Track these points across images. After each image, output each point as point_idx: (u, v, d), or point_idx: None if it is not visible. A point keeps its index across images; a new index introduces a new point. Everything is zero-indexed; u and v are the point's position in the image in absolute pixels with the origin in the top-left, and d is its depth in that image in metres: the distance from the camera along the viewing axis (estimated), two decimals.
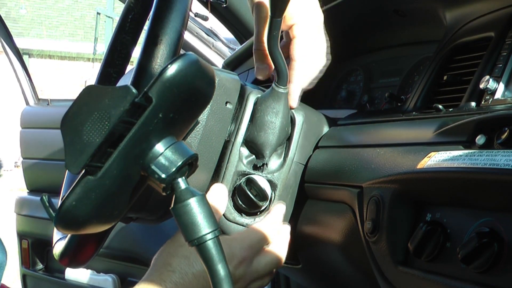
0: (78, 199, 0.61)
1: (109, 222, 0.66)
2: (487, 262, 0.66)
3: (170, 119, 0.63)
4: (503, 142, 0.69)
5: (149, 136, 0.62)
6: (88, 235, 0.80)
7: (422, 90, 0.99)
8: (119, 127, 0.60)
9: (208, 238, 0.62)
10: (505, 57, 0.86)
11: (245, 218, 0.95)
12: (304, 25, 0.96)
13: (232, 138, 0.94)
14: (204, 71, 0.64)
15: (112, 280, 2.16)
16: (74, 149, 0.60)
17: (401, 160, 0.80)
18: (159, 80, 0.61)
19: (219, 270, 0.62)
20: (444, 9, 1.04)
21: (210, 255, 0.62)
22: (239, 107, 0.95)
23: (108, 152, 0.61)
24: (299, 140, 0.97)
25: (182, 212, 0.63)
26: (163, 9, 0.67)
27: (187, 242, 0.63)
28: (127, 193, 0.64)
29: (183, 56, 0.62)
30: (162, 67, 0.64)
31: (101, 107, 0.60)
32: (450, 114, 0.87)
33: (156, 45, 0.66)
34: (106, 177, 0.61)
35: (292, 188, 0.97)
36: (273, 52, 0.89)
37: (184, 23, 0.68)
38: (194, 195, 0.63)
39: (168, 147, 0.63)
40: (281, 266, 0.92)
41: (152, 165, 0.63)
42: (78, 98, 0.61)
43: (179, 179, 0.63)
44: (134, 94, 0.60)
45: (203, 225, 0.62)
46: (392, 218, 0.80)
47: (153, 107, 0.61)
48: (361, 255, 0.87)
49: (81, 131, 0.60)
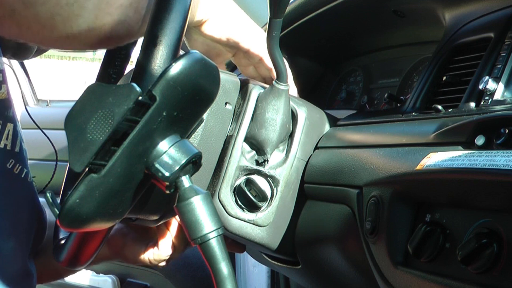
0: (82, 197, 0.61)
1: (113, 220, 0.66)
2: (486, 263, 0.66)
3: (174, 117, 0.63)
4: (503, 142, 0.69)
5: (153, 134, 0.62)
6: (88, 236, 0.80)
7: (422, 91, 0.99)
8: (123, 125, 0.60)
9: (211, 236, 0.62)
10: (504, 57, 0.86)
11: (247, 213, 0.95)
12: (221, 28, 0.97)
13: (234, 133, 0.94)
14: (209, 69, 0.64)
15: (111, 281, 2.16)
16: (78, 147, 0.60)
17: (401, 160, 0.80)
18: (163, 79, 0.61)
19: (222, 268, 0.62)
20: (444, 10, 1.04)
21: (213, 253, 0.62)
22: (241, 103, 0.95)
23: (112, 150, 0.61)
24: (301, 136, 0.97)
25: (185, 210, 0.63)
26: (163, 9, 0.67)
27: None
28: (131, 191, 0.64)
29: (187, 55, 0.63)
30: (162, 67, 0.64)
31: (105, 105, 0.60)
32: (450, 114, 0.87)
33: (155, 45, 0.66)
34: (109, 175, 0.61)
35: (294, 184, 0.97)
36: (273, 52, 0.89)
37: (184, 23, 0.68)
38: (198, 194, 0.63)
39: (172, 146, 0.63)
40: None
41: (156, 163, 0.63)
42: (82, 97, 0.61)
43: (183, 177, 0.64)
44: (138, 92, 0.61)
45: (207, 224, 0.63)
46: (391, 218, 0.80)
47: (157, 105, 0.61)
48: (361, 256, 0.87)
49: (85, 129, 0.60)
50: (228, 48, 1.00)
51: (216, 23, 0.95)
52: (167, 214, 0.85)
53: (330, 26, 1.29)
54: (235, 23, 0.97)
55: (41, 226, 0.98)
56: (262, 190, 0.93)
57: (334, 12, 1.22)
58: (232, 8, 0.97)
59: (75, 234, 0.80)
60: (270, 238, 0.97)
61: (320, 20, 1.25)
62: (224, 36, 0.97)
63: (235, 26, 0.97)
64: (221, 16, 0.95)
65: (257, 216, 0.95)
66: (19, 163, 0.91)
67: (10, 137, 0.90)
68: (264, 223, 0.95)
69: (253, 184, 0.93)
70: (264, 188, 0.94)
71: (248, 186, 0.93)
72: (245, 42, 0.98)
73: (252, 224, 0.95)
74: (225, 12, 0.96)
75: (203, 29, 0.95)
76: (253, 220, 0.95)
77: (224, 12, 0.96)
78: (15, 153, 0.91)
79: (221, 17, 0.95)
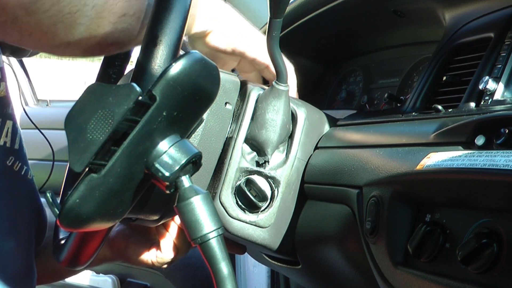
0: (82, 197, 0.61)
1: (113, 220, 0.66)
2: (486, 263, 0.66)
3: (174, 117, 0.63)
4: (503, 142, 0.69)
5: (153, 134, 0.62)
6: (88, 236, 0.80)
7: (422, 91, 0.99)
8: (123, 125, 0.60)
9: (212, 236, 0.62)
10: (504, 57, 0.86)
11: (248, 214, 0.95)
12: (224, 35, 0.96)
13: (234, 134, 0.94)
14: (209, 69, 0.64)
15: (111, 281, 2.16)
16: (78, 147, 0.60)
17: (401, 160, 0.80)
18: (163, 79, 0.61)
19: (222, 268, 0.62)
20: (444, 10, 1.04)
21: (213, 253, 0.62)
22: (241, 104, 0.95)
23: (112, 150, 0.61)
24: (301, 136, 0.97)
25: (185, 210, 0.63)
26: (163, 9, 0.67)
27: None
28: (131, 191, 0.64)
29: (187, 55, 0.63)
30: (162, 67, 0.64)
31: (105, 105, 0.60)
32: (450, 114, 0.87)
33: (155, 45, 0.66)
34: (109, 175, 0.61)
35: (295, 185, 0.97)
36: (273, 52, 0.89)
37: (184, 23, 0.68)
38: (198, 193, 0.63)
39: (172, 145, 0.63)
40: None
41: (156, 163, 0.63)
42: (82, 97, 0.61)
43: (183, 177, 0.64)
44: (138, 92, 0.61)
45: (207, 224, 0.63)
46: (391, 218, 0.80)
47: (157, 105, 0.61)
48: (361, 256, 0.87)
49: (85, 129, 0.60)
50: (234, 57, 1.00)
51: (221, 34, 0.94)
52: (167, 214, 0.85)
53: (330, 26, 1.29)
54: (239, 33, 0.97)
55: (41, 224, 0.98)
56: (262, 190, 0.93)
57: (334, 12, 1.22)
58: (235, 18, 0.97)
59: (75, 234, 0.80)
60: (272, 239, 0.97)
61: (320, 20, 1.25)
62: (229, 47, 0.96)
63: (240, 36, 0.97)
64: (225, 27, 0.94)
65: (258, 218, 0.94)
66: (19, 160, 0.91)
67: (10, 134, 0.90)
68: (265, 224, 0.95)
69: (253, 184, 0.93)
70: (264, 188, 0.93)
71: (248, 186, 0.93)
72: (251, 51, 0.98)
73: (254, 226, 0.95)
74: (229, 22, 0.95)
75: (208, 40, 0.94)
76: (254, 222, 0.95)
77: (228, 22, 0.95)
78: (14, 150, 0.91)
79: (225, 27, 0.95)
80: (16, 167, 0.91)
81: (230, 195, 0.94)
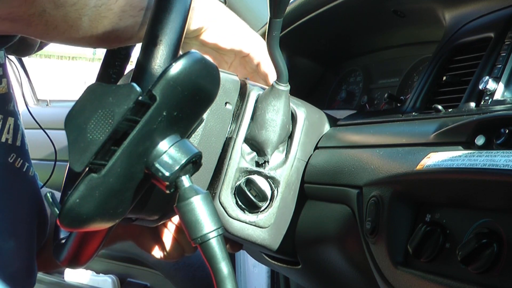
0: (82, 197, 0.61)
1: (113, 220, 0.66)
2: (486, 263, 0.66)
3: (174, 117, 0.63)
4: (503, 142, 0.69)
5: (153, 134, 0.62)
6: (88, 236, 0.80)
7: (422, 91, 0.99)
8: (123, 125, 0.60)
9: (212, 236, 0.62)
10: (504, 57, 0.86)
11: (248, 215, 0.95)
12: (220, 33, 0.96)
13: (234, 135, 0.94)
14: (209, 69, 0.64)
15: (111, 281, 2.16)
16: (78, 147, 0.60)
17: (401, 160, 0.80)
18: (163, 79, 0.61)
19: (222, 268, 0.62)
20: (444, 10, 1.04)
21: (213, 253, 0.62)
22: (240, 104, 0.95)
23: (112, 150, 0.61)
24: (301, 137, 0.97)
25: (185, 210, 0.63)
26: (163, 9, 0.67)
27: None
28: (131, 191, 0.64)
29: (187, 54, 0.63)
30: (162, 67, 0.64)
31: (105, 105, 0.60)
32: (450, 114, 0.87)
33: (155, 45, 0.66)
34: (110, 175, 0.61)
35: (294, 185, 0.97)
36: (273, 52, 0.89)
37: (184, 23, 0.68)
38: (198, 193, 0.63)
39: (172, 145, 0.63)
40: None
41: (156, 163, 0.63)
42: (82, 96, 0.61)
43: (183, 177, 0.64)
44: (138, 92, 0.61)
45: (207, 224, 0.63)
46: (391, 218, 0.80)
47: (157, 105, 0.61)
48: (361, 256, 0.87)
49: (85, 129, 0.60)
50: (227, 57, 1.00)
51: (215, 31, 0.94)
52: (167, 214, 0.86)
53: (330, 26, 1.29)
54: (233, 29, 0.97)
55: (42, 220, 0.98)
56: (262, 190, 0.93)
57: (334, 12, 1.22)
58: (227, 15, 0.97)
59: (75, 234, 0.81)
60: (271, 239, 0.97)
61: (320, 20, 1.25)
62: (225, 43, 0.96)
63: (234, 32, 0.97)
64: (219, 24, 0.95)
65: (258, 218, 0.94)
66: (20, 157, 0.92)
67: (11, 131, 0.90)
68: (265, 225, 0.95)
69: (253, 184, 0.93)
70: (264, 188, 0.93)
71: (248, 186, 0.93)
72: (246, 47, 0.98)
73: (254, 226, 0.95)
74: (222, 20, 0.95)
75: (203, 38, 0.94)
76: (254, 222, 0.95)
77: (221, 19, 0.95)
78: (16, 147, 0.91)
79: (219, 24, 0.95)
80: (18, 164, 0.91)
81: (230, 195, 0.94)
